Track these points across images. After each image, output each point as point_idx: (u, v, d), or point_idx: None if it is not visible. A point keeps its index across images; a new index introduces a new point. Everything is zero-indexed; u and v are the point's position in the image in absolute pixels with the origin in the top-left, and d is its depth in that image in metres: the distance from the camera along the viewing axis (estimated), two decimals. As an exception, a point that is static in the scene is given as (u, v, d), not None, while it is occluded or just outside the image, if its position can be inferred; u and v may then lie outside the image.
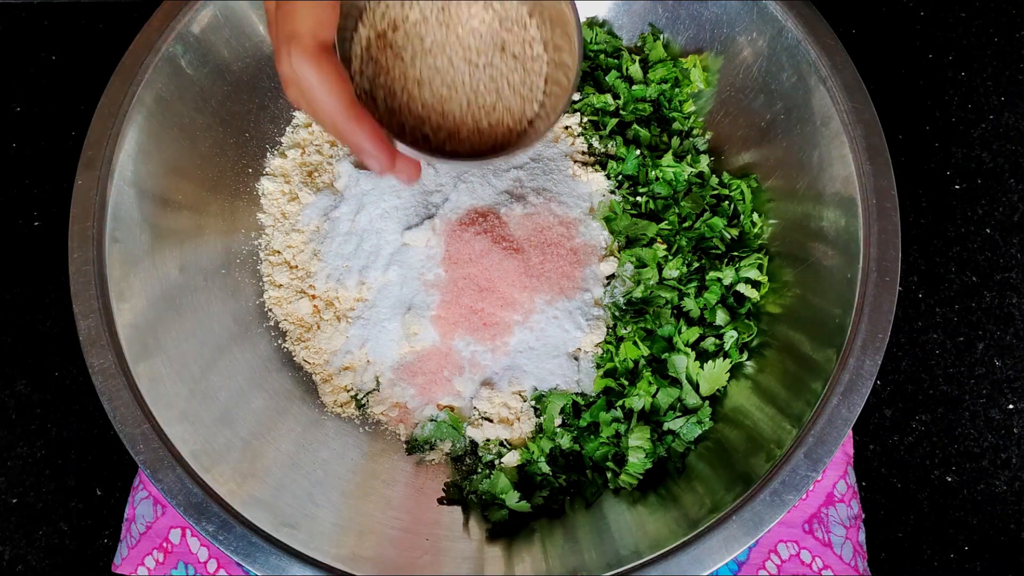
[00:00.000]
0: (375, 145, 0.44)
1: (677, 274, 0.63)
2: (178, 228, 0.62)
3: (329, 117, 0.42)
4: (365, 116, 0.43)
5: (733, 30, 0.65)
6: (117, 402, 0.53)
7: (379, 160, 0.44)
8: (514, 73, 0.52)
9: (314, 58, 0.41)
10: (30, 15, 0.82)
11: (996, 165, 0.77)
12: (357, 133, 0.43)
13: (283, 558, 0.51)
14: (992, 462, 0.69)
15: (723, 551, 0.50)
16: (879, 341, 0.54)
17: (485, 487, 0.60)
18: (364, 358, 0.64)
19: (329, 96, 0.41)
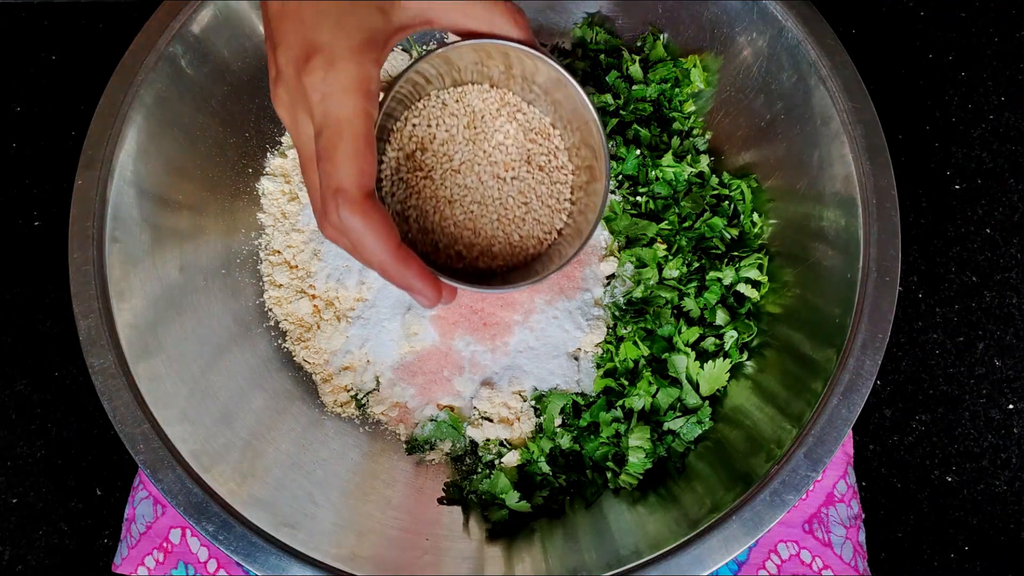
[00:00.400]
0: (425, 284, 0.44)
1: (677, 274, 0.63)
2: (178, 228, 0.62)
3: (379, 263, 0.42)
4: (412, 257, 0.43)
5: (733, 30, 0.65)
6: (117, 402, 0.53)
7: (429, 298, 0.44)
8: (541, 184, 0.52)
9: (362, 209, 0.40)
10: (30, 15, 0.82)
11: (996, 165, 0.77)
12: (407, 276, 0.43)
13: (283, 558, 0.51)
14: (992, 462, 0.69)
15: (723, 551, 0.50)
16: (879, 341, 0.54)
17: (485, 487, 0.60)
18: (364, 358, 0.64)
19: (379, 243, 0.41)
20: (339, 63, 0.39)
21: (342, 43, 0.40)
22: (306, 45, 0.40)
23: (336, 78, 0.39)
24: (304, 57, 0.40)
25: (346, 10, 0.40)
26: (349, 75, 0.40)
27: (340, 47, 0.40)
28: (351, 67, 0.40)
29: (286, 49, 0.40)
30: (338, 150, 0.39)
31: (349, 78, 0.40)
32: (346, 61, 0.40)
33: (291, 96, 0.41)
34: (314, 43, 0.39)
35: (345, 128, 0.39)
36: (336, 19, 0.40)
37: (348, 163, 0.40)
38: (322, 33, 0.40)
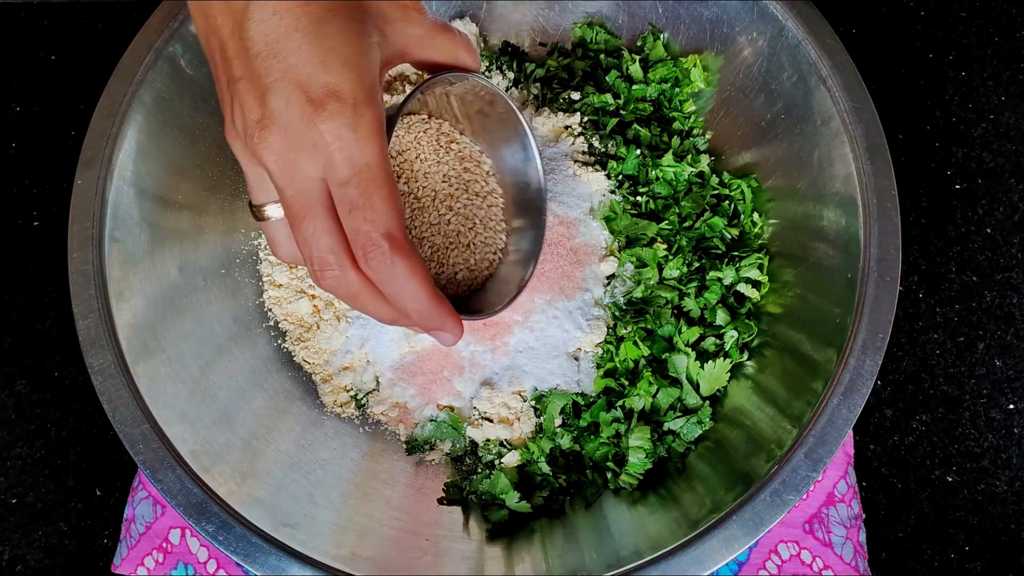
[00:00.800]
0: (455, 323, 0.43)
1: (677, 274, 0.63)
2: (178, 228, 0.62)
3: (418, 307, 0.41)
4: (442, 296, 0.42)
5: (733, 30, 0.65)
6: (117, 402, 0.53)
7: (456, 336, 0.44)
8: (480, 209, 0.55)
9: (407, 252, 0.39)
10: (30, 15, 0.82)
11: (997, 165, 0.77)
12: (442, 316, 0.42)
13: (283, 558, 0.51)
14: (993, 462, 0.69)
15: (723, 551, 0.50)
16: (879, 341, 0.54)
17: (485, 487, 0.60)
18: (364, 358, 0.64)
19: (421, 284, 0.40)
20: (361, 107, 0.37)
21: (358, 85, 0.37)
22: (317, 88, 0.37)
23: (359, 123, 0.37)
24: (314, 101, 0.37)
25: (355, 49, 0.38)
26: (370, 118, 0.38)
27: (359, 89, 0.37)
28: (371, 110, 0.38)
29: (284, 92, 0.37)
30: (376, 196, 0.38)
31: (371, 121, 0.38)
32: (366, 104, 0.37)
33: (291, 142, 0.38)
34: (328, 85, 0.37)
35: (377, 172, 0.38)
36: (347, 59, 0.37)
37: (389, 207, 0.38)
38: (335, 75, 0.37)
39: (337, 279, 0.40)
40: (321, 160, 0.38)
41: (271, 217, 0.44)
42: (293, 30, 0.37)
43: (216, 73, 0.40)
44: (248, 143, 0.39)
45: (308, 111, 0.37)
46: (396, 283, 0.40)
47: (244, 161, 0.42)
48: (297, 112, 0.37)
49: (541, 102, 0.69)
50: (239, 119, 0.39)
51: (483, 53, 0.71)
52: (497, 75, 0.71)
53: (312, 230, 0.39)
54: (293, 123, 0.37)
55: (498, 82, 0.71)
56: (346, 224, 0.39)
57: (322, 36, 0.37)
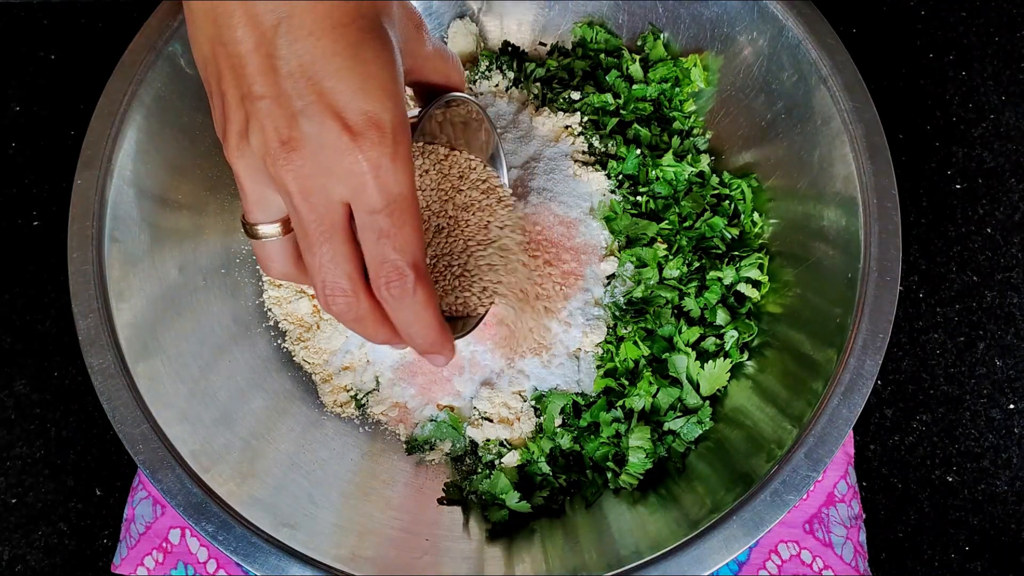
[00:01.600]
0: (452, 348, 0.44)
1: (677, 274, 0.63)
2: (178, 228, 0.62)
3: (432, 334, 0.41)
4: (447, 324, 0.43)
5: (734, 29, 0.65)
6: (116, 402, 0.53)
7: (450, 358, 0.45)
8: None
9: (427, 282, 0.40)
10: (29, 14, 0.82)
11: (997, 165, 0.77)
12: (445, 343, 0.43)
13: (283, 558, 0.51)
14: (993, 462, 0.69)
15: (723, 551, 0.50)
16: (880, 341, 0.53)
17: (485, 487, 0.60)
18: (364, 358, 0.64)
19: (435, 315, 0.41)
20: (399, 135, 0.37)
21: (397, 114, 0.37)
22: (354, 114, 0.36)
23: (397, 153, 0.37)
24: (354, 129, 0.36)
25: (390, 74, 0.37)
26: (406, 148, 0.37)
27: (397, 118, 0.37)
28: (406, 140, 0.37)
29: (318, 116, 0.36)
30: (407, 226, 0.38)
31: (406, 151, 0.37)
32: (402, 134, 0.37)
33: (321, 167, 0.37)
34: (367, 114, 0.36)
35: (410, 203, 0.38)
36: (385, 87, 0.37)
37: (418, 237, 0.38)
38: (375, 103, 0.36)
39: (349, 304, 0.40)
40: (351, 187, 0.37)
41: (266, 236, 0.43)
42: (332, 53, 0.36)
43: (221, 87, 0.38)
44: (268, 164, 0.38)
45: (347, 139, 0.36)
46: (412, 312, 0.40)
47: (248, 180, 0.40)
48: (333, 138, 0.36)
49: (541, 102, 0.69)
50: (256, 138, 0.38)
51: (483, 53, 0.71)
52: (497, 75, 0.71)
53: (331, 255, 0.39)
54: (327, 148, 0.36)
55: (498, 82, 0.71)
56: (371, 251, 0.39)
57: (361, 61, 0.36)
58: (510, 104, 0.69)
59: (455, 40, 0.73)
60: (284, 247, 0.43)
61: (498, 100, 0.69)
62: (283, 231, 0.43)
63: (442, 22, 0.73)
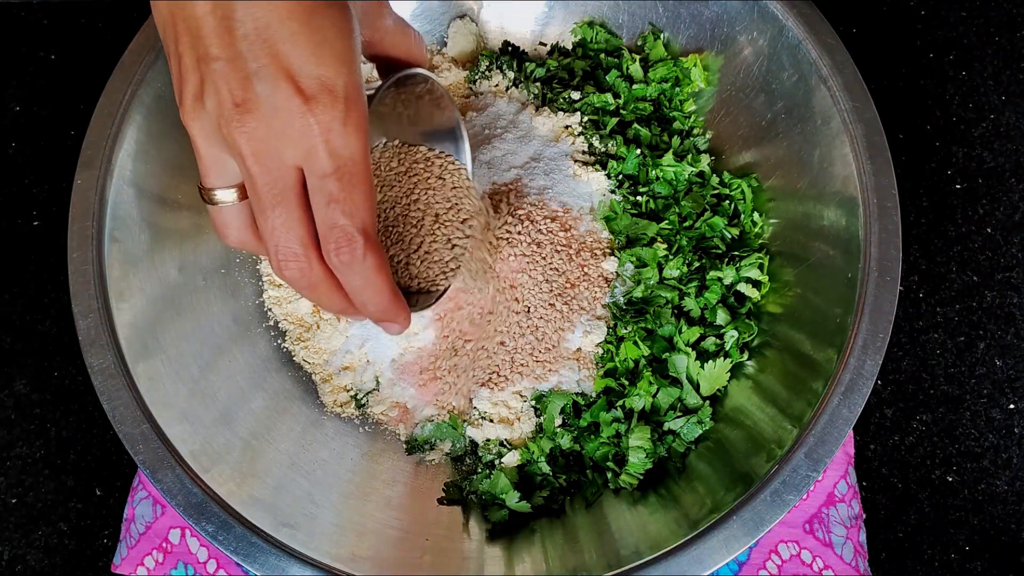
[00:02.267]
0: (406, 315, 0.44)
1: (677, 274, 0.63)
2: (178, 228, 0.62)
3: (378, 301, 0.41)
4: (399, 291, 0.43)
5: (734, 29, 0.65)
6: (116, 402, 0.53)
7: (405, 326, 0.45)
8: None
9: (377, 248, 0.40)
10: (29, 14, 0.82)
11: (997, 164, 0.77)
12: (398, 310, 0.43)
13: (283, 558, 0.51)
14: (993, 462, 0.69)
15: (723, 551, 0.50)
16: (880, 341, 0.53)
17: (485, 487, 0.60)
18: (364, 358, 0.64)
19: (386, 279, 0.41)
20: (351, 102, 0.37)
21: (351, 80, 0.37)
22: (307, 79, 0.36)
23: (349, 117, 0.37)
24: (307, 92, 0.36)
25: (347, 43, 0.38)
26: (359, 114, 0.38)
27: (351, 85, 0.37)
28: (360, 106, 0.38)
29: (271, 79, 0.36)
30: (356, 190, 0.38)
31: (360, 117, 0.38)
32: (356, 101, 0.37)
33: (274, 129, 0.37)
34: (320, 78, 0.37)
35: (361, 167, 0.38)
36: (340, 53, 0.37)
37: (368, 202, 0.39)
38: (329, 68, 0.37)
39: (301, 270, 0.40)
40: (303, 150, 0.37)
41: (221, 202, 0.43)
42: (287, 18, 0.36)
43: (178, 49, 0.38)
44: (221, 125, 0.38)
45: (299, 101, 0.36)
46: (363, 277, 0.40)
47: (204, 143, 0.40)
48: (285, 101, 0.37)
49: (541, 102, 0.69)
50: (211, 100, 0.38)
51: (483, 53, 0.71)
52: (497, 75, 0.71)
53: (283, 220, 0.39)
54: (280, 111, 0.37)
55: (498, 82, 0.71)
56: (321, 216, 0.39)
57: (316, 27, 0.37)
58: (510, 104, 0.69)
59: (455, 40, 0.73)
60: (240, 213, 0.43)
61: (498, 100, 0.69)
62: (239, 197, 0.42)
63: (442, 22, 0.73)
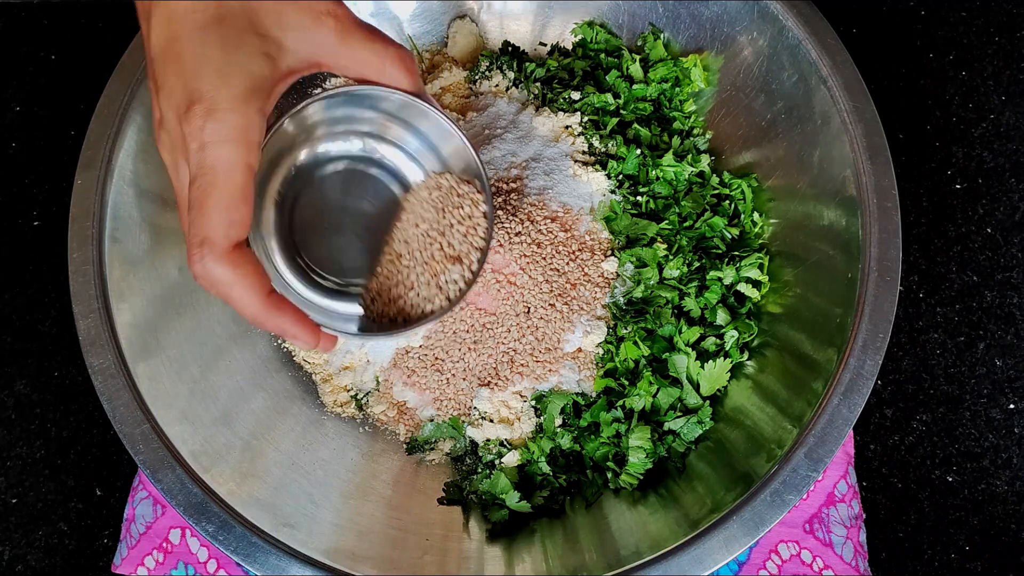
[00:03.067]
0: (301, 329, 0.44)
1: (677, 274, 0.63)
2: (178, 228, 0.61)
3: (249, 312, 0.42)
4: (285, 303, 0.43)
5: (734, 29, 0.65)
6: (117, 402, 0.53)
7: (306, 342, 0.44)
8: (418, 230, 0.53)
9: (228, 260, 0.40)
10: (30, 15, 0.82)
11: (997, 164, 0.77)
12: (280, 320, 0.42)
13: (283, 558, 0.51)
14: (993, 462, 0.69)
15: (723, 551, 0.50)
16: (880, 341, 0.53)
17: (485, 487, 0.60)
18: (364, 358, 0.64)
19: (247, 293, 0.41)
20: (219, 112, 0.38)
21: (223, 92, 0.38)
22: (187, 92, 0.38)
23: (215, 128, 0.38)
24: (185, 104, 0.38)
25: (230, 57, 0.39)
26: (228, 125, 0.38)
27: (222, 96, 0.38)
28: (231, 117, 0.38)
29: (168, 95, 0.39)
30: (209, 200, 0.39)
31: (228, 128, 0.38)
32: (226, 111, 0.38)
33: (172, 142, 0.40)
34: (196, 90, 0.38)
35: (220, 178, 0.38)
36: (218, 67, 0.38)
37: (217, 214, 0.39)
38: (203, 81, 0.38)
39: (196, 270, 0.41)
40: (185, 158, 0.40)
41: None
42: (178, 37, 0.39)
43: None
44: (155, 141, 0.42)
45: (180, 113, 0.39)
46: (221, 288, 0.40)
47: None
48: (172, 114, 0.39)
49: (541, 102, 0.69)
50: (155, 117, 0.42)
51: (483, 53, 0.71)
52: (497, 75, 0.71)
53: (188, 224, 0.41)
54: (171, 125, 0.39)
55: (498, 82, 0.71)
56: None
57: (202, 43, 0.39)
58: (510, 104, 0.69)
59: (455, 40, 0.73)
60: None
61: (498, 100, 0.69)
62: None
63: (442, 22, 0.73)
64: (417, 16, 0.72)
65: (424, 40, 0.74)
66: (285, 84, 0.42)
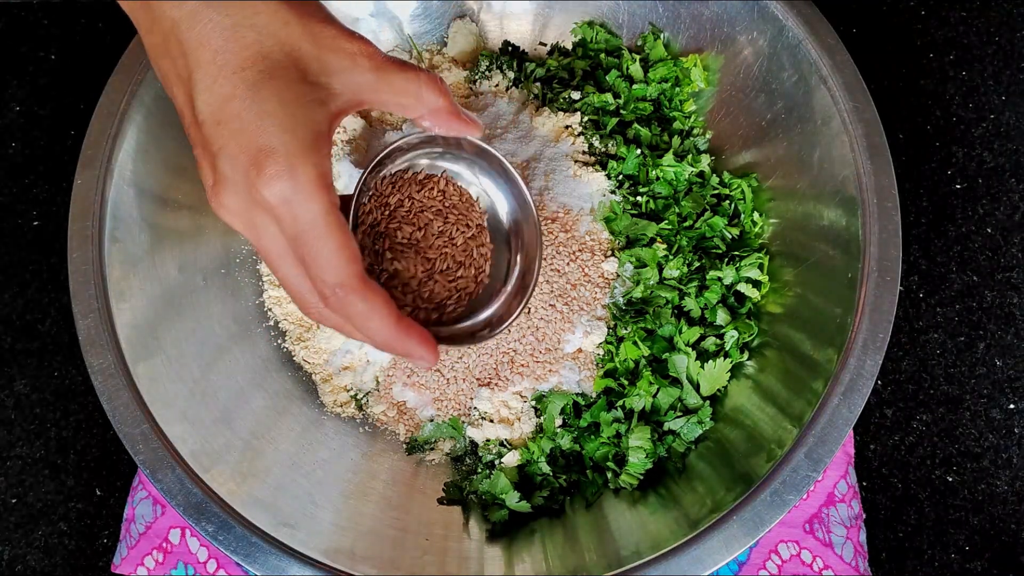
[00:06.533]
0: (427, 350, 0.45)
1: (677, 274, 0.63)
2: (178, 228, 0.62)
3: (383, 338, 0.43)
4: (412, 325, 0.44)
5: (734, 29, 0.65)
6: (117, 402, 0.53)
7: (431, 361, 0.45)
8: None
9: (362, 294, 0.41)
10: (29, 14, 0.82)
11: (997, 164, 0.77)
12: (408, 343, 0.43)
13: (282, 558, 0.51)
14: (993, 462, 0.69)
15: (723, 551, 0.50)
16: (880, 341, 0.53)
17: (485, 487, 0.60)
18: (364, 358, 0.64)
19: (383, 321, 0.42)
20: (298, 168, 0.38)
21: (294, 146, 0.38)
22: (255, 152, 0.38)
23: (298, 183, 0.38)
24: (256, 164, 0.38)
25: (291, 111, 0.39)
26: (309, 177, 0.39)
27: (294, 150, 0.38)
28: (310, 169, 0.39)
29: (230, 157, 0.39)
30: (322, 252, 0.39)
31: (310, 180, 0.39)
32: (304, 164, 0.38)
33: (244, 203, 0.39)
34: (265, 149, 0.38)
35: (321, 228, 0.39)
36: (282, 122, 0.39)
37: (336, 258, 0.40)
38: (272, 138, 0.38)
39: (320, 314, 0.42)
40: (271, 218, 0.39)
41: None
42: (231, 97, 0.38)
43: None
44: (211, 205, 0.41)
45: (252, 175, 0.38)
46: (358, 320, 0.42)
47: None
48: (242, 176, 0.39)
49: (541, 102, 0.69)
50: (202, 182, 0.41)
51: (483, 53, 0.71)
52: (497, 75, 0.71)
53: (288, 276, 0.41)
54: (240, 186, 0.39)
55: (498, 82, 0.71)
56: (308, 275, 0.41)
57: (259, 100, 0.38)
58: (510, 104, 0.69)
59: (455, 40, 0.73)
60: None
61: (498, 100, 0.69)
62: None
63: (442, 22, 0.73)
64: (417, 16, 0.72)
65: (424, 40, 0.74)
66: (337, 124, 0.43)
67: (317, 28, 0.41)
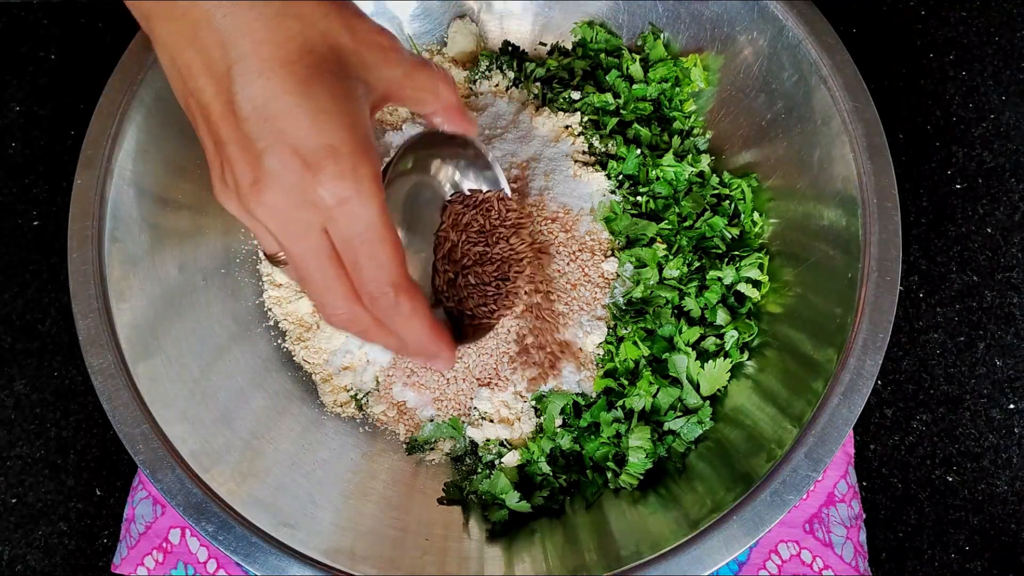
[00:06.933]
0: (451, 354, 0.45)
1: (677, 274, 0.63)
2: (178, 228, 0.62)
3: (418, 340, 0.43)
4: (443, 329, 0.44)
5: (734, 29, 0.65)
6: (117, 402, 0.53)
7: (450, 363, 0.46)
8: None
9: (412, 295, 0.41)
10: (29, 14, 0.82)
11: (997, 164, 0.77)
12: (439, 348, 0.44)
13: (282, 558, 0.51)
14: (993, 462, 0.69)
15: (723, 551, 0.50)
16: (880, 341, 0.53)
17: (485, 487, 0.60)
18: (364, 358, 0.64)
19: (422, 322, 0.42)
20: (358, 166, 0.37)
21: (354, 144, 0.37)
22: (312, 150, 0.37)
23: (360, 183, 0.37)
24: (313, 163, 0.37)
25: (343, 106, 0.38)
26: (369, 175, 0.38)
27: (354, 149, 0.37)
28: (368, 167, 0.38)
29: (281, 155, 0.37)
30: (380, 252, 0.39)
31: (370, 179, 0.38)
32: (364, 164, 0.38)
33: (292, 202, 0.38)
34: (323, 147, 0.37)
35: (380, 229, 0.39)
36: (338, 119, 0.37)
37: (393, 259, 0.40)
38: (329, 136, 0.37)
39: (350, 321, 0.42)
40: (322, 218, 0.38)
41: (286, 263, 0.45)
42: (282, 92, 0.37)
43: (199, 133, 0.40)
44: (244, 204, 0.39)
45: (307, 174, 0.37)
46: (399, 322, 0.42)
47: (242, 218, 0.42)
48: (296, 174, 0.37)
49: (541, 102, 0.69)
50: (231, 180, 0.39)
51: (483, 53, 0.71)
52: (497, 75, 0.71)
53: (324, 282, 0.40)
54: (291, 184, 0.37)
55: (498, 82, 0.71)
56: (353, 276, 0.41)
57: (311, 96, 0.37)
58: (510, 104, 0.69)
59: (455, 40, 0.73)
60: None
61: (498, 100, 0.69)
62: None
63: (442, 22, 0.73)
64: (417, 16, 0.72)
65: (424, 40, 0.74)
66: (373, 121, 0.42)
67: (353, 21, 0.40)
